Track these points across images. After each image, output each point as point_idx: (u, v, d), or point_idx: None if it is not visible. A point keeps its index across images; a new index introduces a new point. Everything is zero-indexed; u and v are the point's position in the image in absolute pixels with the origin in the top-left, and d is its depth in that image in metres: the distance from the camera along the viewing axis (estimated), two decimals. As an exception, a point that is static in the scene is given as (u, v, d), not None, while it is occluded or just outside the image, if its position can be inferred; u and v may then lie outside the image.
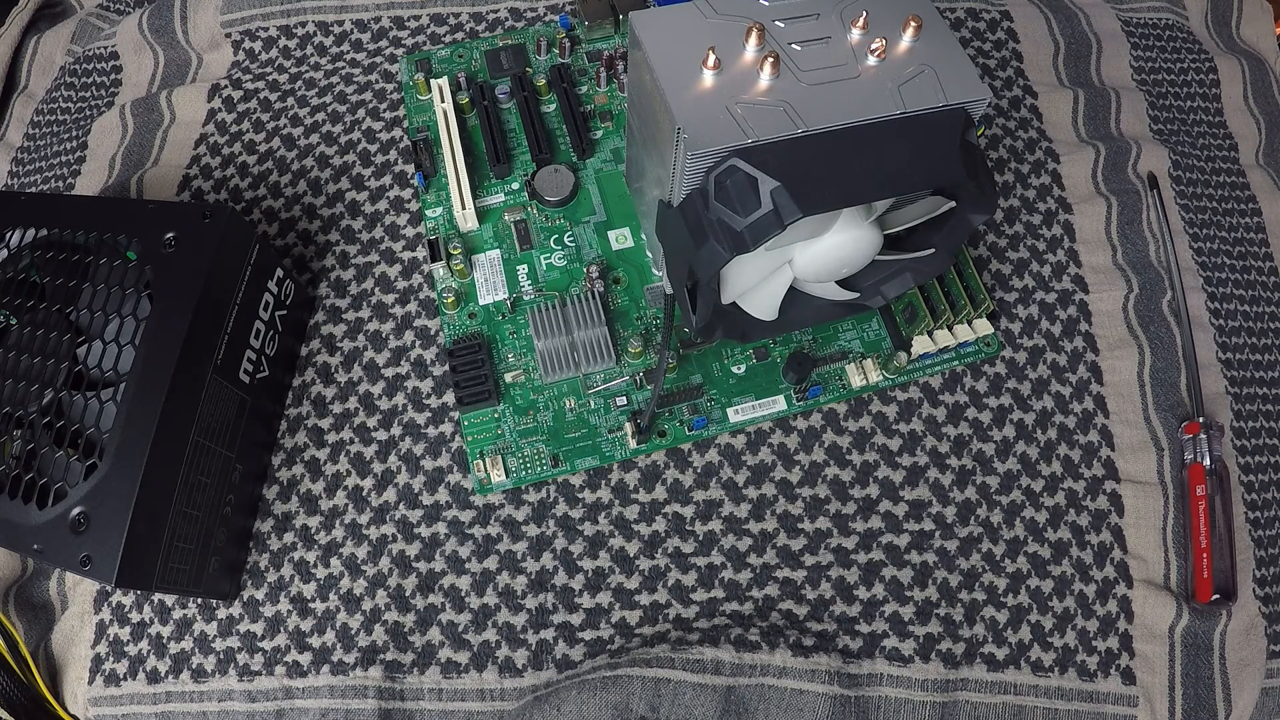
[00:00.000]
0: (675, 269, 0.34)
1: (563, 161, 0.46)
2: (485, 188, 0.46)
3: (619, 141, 0.47)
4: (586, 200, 0.46)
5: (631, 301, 0.43)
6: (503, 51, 0.49)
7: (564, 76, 0.48)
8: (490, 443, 0.40)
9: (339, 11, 0.52)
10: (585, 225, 0.45)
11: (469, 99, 0.47)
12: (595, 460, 0.40)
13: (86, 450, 0.33)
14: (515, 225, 0.45)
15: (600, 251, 0.44)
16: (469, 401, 0.40)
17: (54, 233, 0.38)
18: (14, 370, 0.35)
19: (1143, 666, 0.36)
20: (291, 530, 0.40)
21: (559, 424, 0.41)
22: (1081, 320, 0.42)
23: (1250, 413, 0.42)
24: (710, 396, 0.41)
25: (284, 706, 0.38)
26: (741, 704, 0.36)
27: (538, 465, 0.40)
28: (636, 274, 0.44)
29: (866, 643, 0.37)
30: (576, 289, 0.43)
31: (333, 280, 0.45)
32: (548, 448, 0.40)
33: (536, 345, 0.41)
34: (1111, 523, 0.39)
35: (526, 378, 0.41)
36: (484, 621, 0.38)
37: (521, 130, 0.47)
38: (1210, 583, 0.37)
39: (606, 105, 0.48)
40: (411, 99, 0.48)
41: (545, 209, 0.45)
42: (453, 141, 0.45)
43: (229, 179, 0.48)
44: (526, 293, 0.43)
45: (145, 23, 0.53)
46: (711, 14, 0.33)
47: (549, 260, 0.44)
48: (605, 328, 0.41)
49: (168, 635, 0.39)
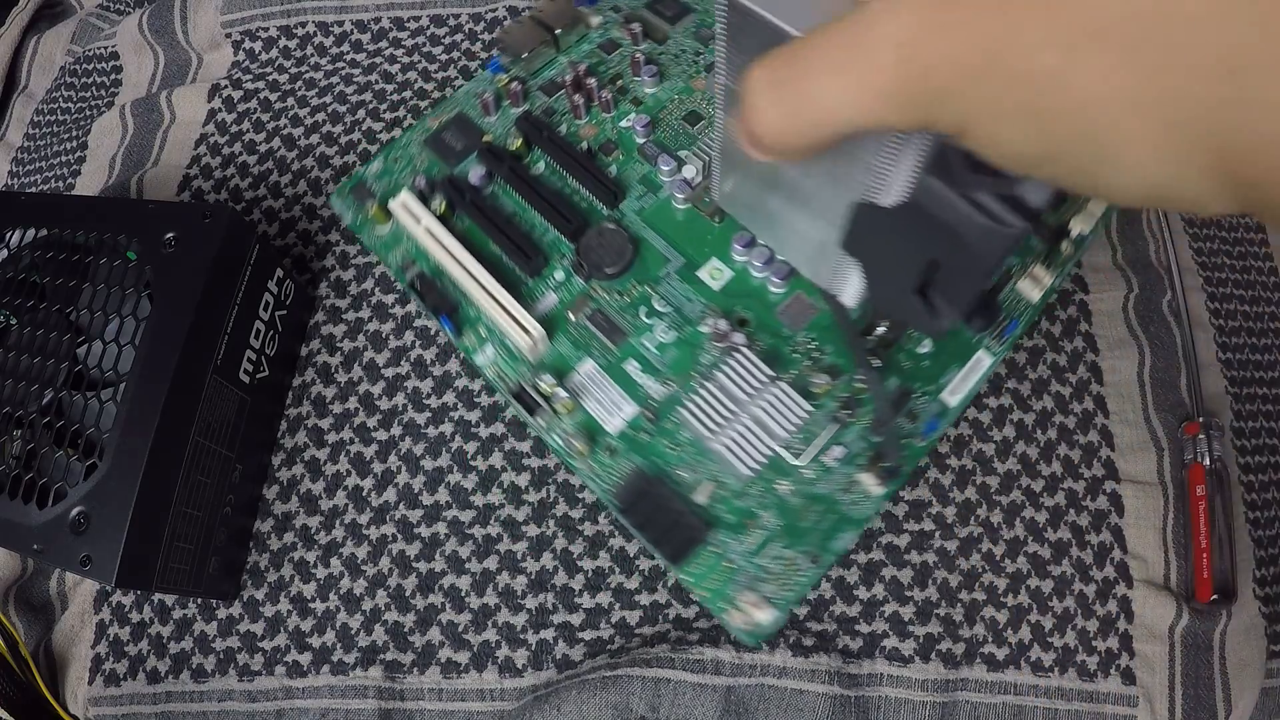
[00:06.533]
0: (893, 276, 0.27)
1: (598, 220, 0.37)
2: (528, 294, 0.36)
3: (641, 167, 0.39)
4: (651, 251, 0.37)
5: (776, 338, 0.34)
6: (444, 132, 0.40)
7: (537, 124, 0.39)
8: (729, 582, 0.31)
9: (339, 12, 0.52)
10: (667, 279, 0.36)
11: (445, 202, 0.37)
12: (854, 531, 0.31)
13: (86, 450, 0.33)
14: (591, 320, 0.35)
15: (704, 299, 0.35)
16: (684, 551, 0.31)
17: (54, 233, 0.38)
18: (14, 370, 0.35)
19: (1143, 666, 0.36)
20: (291, 530, 0.40)
21: (789, 517, 0.31)
22: (1081, 320, 0.42)
23: (1250, 413, 0.42)
24: (921, 391, 0.33)
25: (284, 706, 0.38)
26: (741, 704, 0.36)
27: (797, 575, 0.31)
28: (758, 304, 0.35)
29: (866, 643, 0.37)
30: (710, 357, 0.34)
31: (333, 280, 0.45)
32: (795, 550, 0.31)
33: (713, 447, 0.32)
34: (1111, 523, 0.39)
35: (719, 486, 0.32)
36: (484, 621, 0.38)
37: (528, 207, 0.38)
38: (1210, 583, 0.37)
39: (600, 135, 0.40)
40: (371, 238, 0.38)
41: (611, 284, 0.36)
42: (461, 260, 0.35)
43: (229, 179, 0.48)
44: (656, 391, 0.34)
45: (145, 23, 0.53)
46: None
47: (655, 341, 0.35)
48: (779, 381, 0.33)
49: (168, 635, 0.39)
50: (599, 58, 0.42)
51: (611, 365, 0.35)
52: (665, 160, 0.38)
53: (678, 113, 0.41)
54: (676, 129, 0.40)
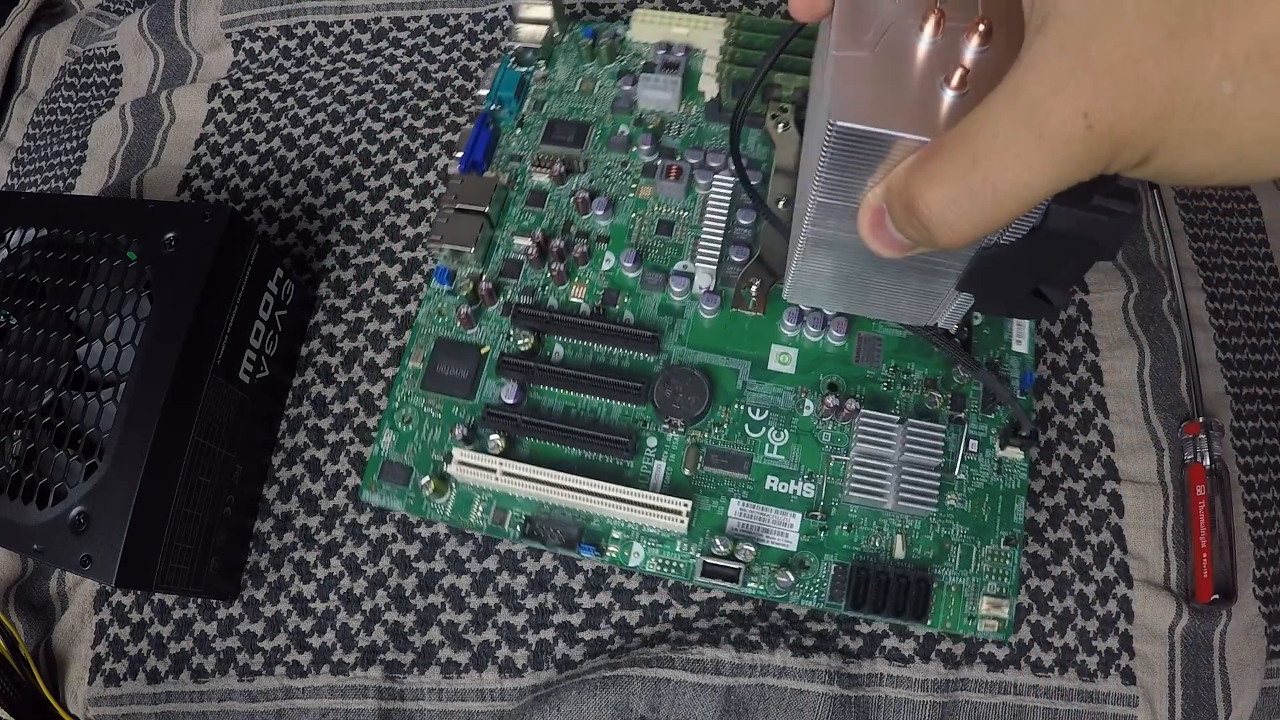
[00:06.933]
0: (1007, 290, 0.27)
1: (639, 375, 0.36)
2: (637, 476, 0.35)
3: (651, 299, 0.38)
4: (719, 370, 0.36)
5: (868, 383, 0.36)
6: (436, 367, 0.37)
7: (534, 312, 0.37)
8: (964, 604, 0.34)
9: (339, 12, 0.52)
10: (751, 390, 0.36)
11: (503, 437, 0.35)
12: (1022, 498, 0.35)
13: (86, 450, 0.33)
14: (709, 464, 0.35)
15: (793, 386, 0.36)
16: (924, 607, 0.33)
17: (54, 233, 0.38)
18: (14, 370, 0.35)
19: (1143, 666, 0.36)
20: (291, 530, 0.40)
21: (971, 521, 0.35)
22: (1081, 320, 0.42)
23: (1250, 413, 0.42)
24: (997, 355, 0.36)
25: (284, 706, 0.38)
26: (741, 704, 0.36)
27: (1005, 561, 0.34)
28: (835, 363, 0.36)
29: (866, 643, 0.37)
30: (830, 431, 0.35)
31: (333, 280, 0.45)
32: (992, 542, 0.34)
33: (890, 509, 0.34)
34: (1111, 523, 0.39)
35: (908, 534, 0.34)
36: (484, 621, 0.38)
37: (578, 395, 0.36)
38: (1210, 583, 0.37)
39: (592, 290, 0.38)
40: (438, 513, 0.36)
41: (705, 422, 0.36)
42: (562, 484, 0.33)
43: (229, 179, 0.48)
44: (807, 490, 0.35)
45: (145, 23, 0.53)
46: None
47: (775, 449, 0.35)
48: (907, 420, 0.34)
49: (168, 635, 0.39)
50: (537, 214, 0.41)
51: (754, 491, 0.35)
52: (676, 281, 0.38)
53: (648, 230, 0.40)
54: (659, 246, 0.39)
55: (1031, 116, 0.18)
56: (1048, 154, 0.18)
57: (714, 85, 0.42)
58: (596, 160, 0.42)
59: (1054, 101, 0.18)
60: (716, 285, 0.38)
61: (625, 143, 0.42)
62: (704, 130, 0.42)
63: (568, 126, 0.42)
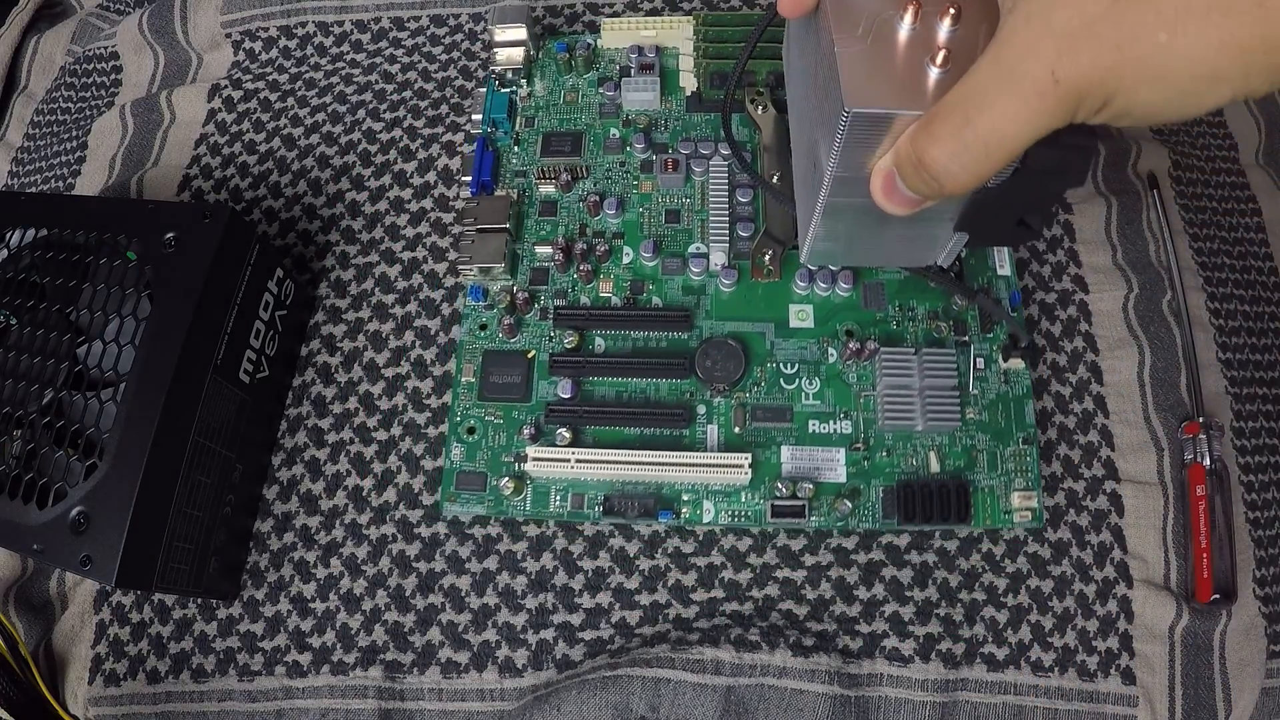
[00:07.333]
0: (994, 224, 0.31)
1: (678, 352, 0.39)
2: (695, 442, 0.38)
3: (674, 283, 0.41)
4: (754, 340, 0.40)
5: (878, 324, 0.40)
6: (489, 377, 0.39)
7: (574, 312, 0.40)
8: (997, 501, 0.37)
9: (339, 12, 0.52)
10: (779, 348, 0.40)
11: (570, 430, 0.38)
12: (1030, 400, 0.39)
13: (86, 450, 0.33)
14: (755, 419, 0.38)
15: (815, 339, 0.40)
16: (965, 510, 0.37)
17: (54, 233, 0.38)
18: (14, 370, 0.35)
19: (1143, 666, 0.36)
20: (291, 530, 0.40)
21: (990, 429, 0.38)
22: (1081, 320, 0.42)
23: (1250, 413, 0.42)
24: (986, 281, 0.41)
25: (284, 706, 0.38)
26: (741, 704, 0.36)
27: (1026, 459, 0.38)
28: (846, 311, 0.40)
29: (866, 643, 0.37)
30: (856, 372, 0.39)
31: (333, 280, 0.45)
32: (1012, 444, 0.38)
33: (920, 429, 0.38)
34: (1111, 523, 0.39)
35: (940, 449, 0.38)
36: (484, 621, 0.38)
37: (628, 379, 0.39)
38: (1210, 583, 0.37)
39: (619, 283, 0.41)
40: (520, 510, 0.38)
41: (745, 384, 0.39)
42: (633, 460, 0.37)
43: (229, 179, 0.48)
44: (845, 427, 0.38)
45: (145, 23, 0.53)
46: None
47: (811, 396, 0.39)
48: (921, 350, 0.38)
49: (168, 635, 0.39)
50: (552, 223, 0.43)
51: (800, 436, 0.38)
52: (694, 262, 0.41)
53: (658, 221, 0.43)
54: (670, 233, 0.43)
55: (1010, 79, 0.22)
56: (1026, 108, 0.22)
57: (693, 80, 0.46)
58: (596, 165, 0.44)
59: (1027, 65, 0.21)
60: (730, 260, 0.41)
61: (619, 144, 0.44)
62: (689, 122, 0.45)
63: (563, 138, 0.45)
